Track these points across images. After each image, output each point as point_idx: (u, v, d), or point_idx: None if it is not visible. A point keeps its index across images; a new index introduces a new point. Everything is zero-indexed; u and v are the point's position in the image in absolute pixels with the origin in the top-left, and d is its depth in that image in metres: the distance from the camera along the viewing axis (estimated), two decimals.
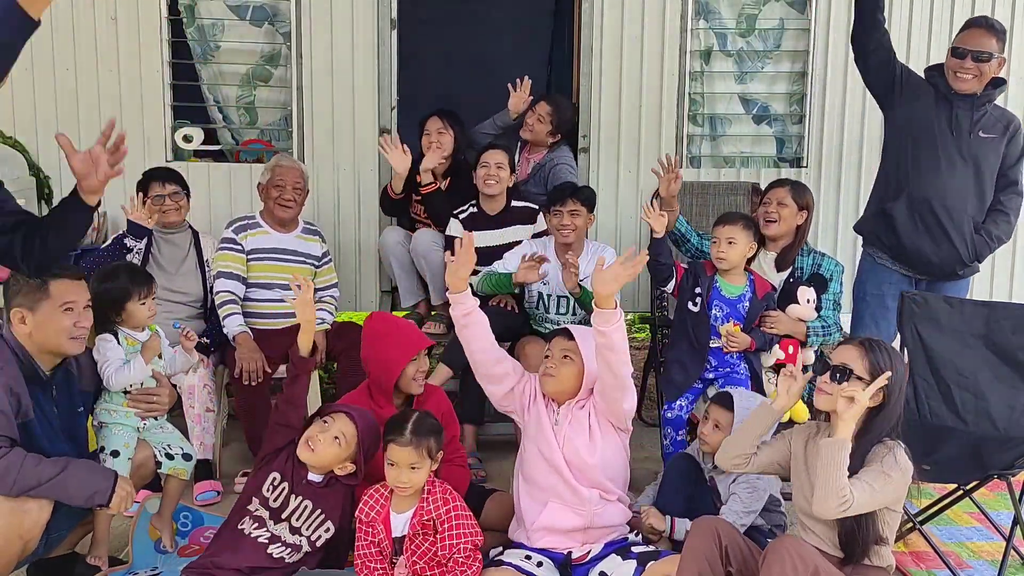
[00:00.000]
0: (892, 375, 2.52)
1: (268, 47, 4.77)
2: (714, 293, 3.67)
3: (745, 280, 3.70)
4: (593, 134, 4.82)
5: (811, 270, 3.85)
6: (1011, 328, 3.41)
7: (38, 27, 2.13)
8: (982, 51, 3.70)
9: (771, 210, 3.82)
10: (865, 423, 2.56)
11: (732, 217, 3.70)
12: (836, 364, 2.57)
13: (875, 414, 2.56)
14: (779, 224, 3.82)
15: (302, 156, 4.72)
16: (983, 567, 3.20)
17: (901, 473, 2.51)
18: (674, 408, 3.63)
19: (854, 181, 4.90)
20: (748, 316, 3.66)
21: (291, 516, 2.82)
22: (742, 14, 4.86)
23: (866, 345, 2.58)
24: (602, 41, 4.77)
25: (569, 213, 3.98)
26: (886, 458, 2.51)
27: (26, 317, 2.74)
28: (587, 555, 2.93)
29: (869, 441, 2.55)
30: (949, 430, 3.39)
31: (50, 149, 4.70)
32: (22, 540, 2.62)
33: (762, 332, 3.68)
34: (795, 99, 4.94)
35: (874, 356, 2.54)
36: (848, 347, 2.61)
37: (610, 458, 3.02)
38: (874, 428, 2.56)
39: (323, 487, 2.83)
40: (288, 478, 2.84)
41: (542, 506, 2.96)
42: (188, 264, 4.06)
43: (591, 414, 3.01)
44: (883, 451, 2.54)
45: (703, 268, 3.75)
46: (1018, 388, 3.39)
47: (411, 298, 4.52)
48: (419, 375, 3.21)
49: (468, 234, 3.04)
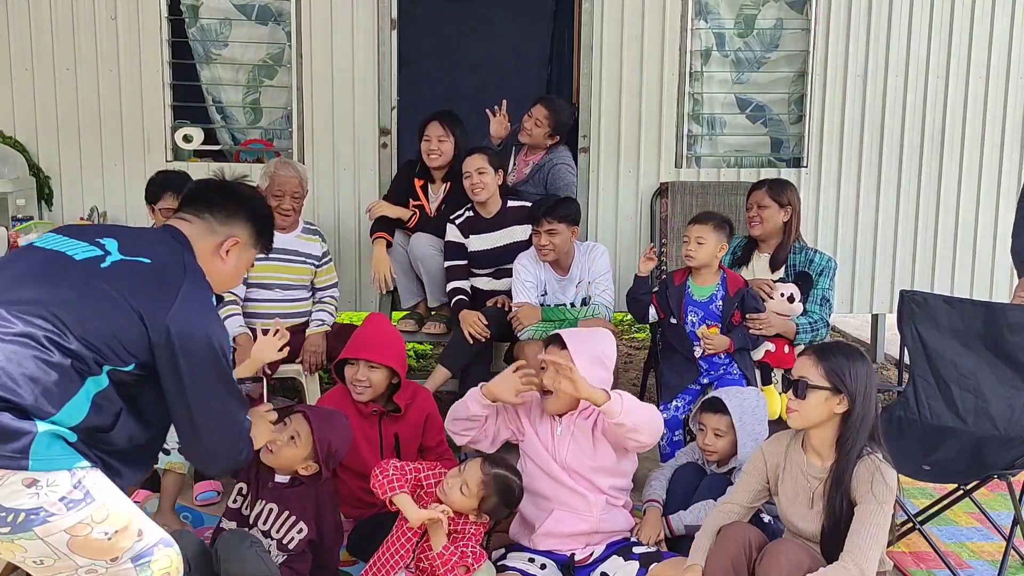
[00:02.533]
0: (849, 373, 2.46)
1: (273, 45, 4.77)
2: (686, 299, 3.69)
3: (716, 279, 3.70)
4: (593, 134, 4.82)
5: (803, 266, 3.87)
6: (1011, 328, 3.41)
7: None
8: None
9: (752, 214, 3.89)
10: (839, 433, 2.50)
11: (704, 217, 3.71)
12: (795, 378, 2.52)
13: (845, 421, 2.49)
14: (763, 225, 3.87)
15: (302, 156, 4.72)
16: (983, 567, 3.20)
17: (891, 492, 2.44)
18: (670, 409, 3.63)
19: (854, 181, 4.91)
20: (723, 315, 3.67)
21: (257, 520, 2.80)
22: (741, 14, 4.86)
23: (818, 352, 2.53)
24: (602, 41, 4.77)
25: (546, 232, 3.94)
26: (875, 482, 2.42)
27: None
28: (590, 556, 2.93)
29: (848, 454, 2.48)
30: (949, 430, 3.39)
31: (50, 149, 4.71)
32: None
33: (743, 331, 3.68)
34: (794, 99, 4.94)
35: (827, 361, 2.48)
36: (802, 358, 2.56)
37: (618, 463, 2.99)
38: (848, 436, 2.48)
39: (289, 488, 2.81)
40: (253, 485, 2.83)
41: (547, 514, 2.95)
42: None
43: (596, 423, 2.95)
44: (867, 472, 2.45)
45: (672, 279, 3.79)
46: (1018, 388, 3.38)
47: (411, 299, 4.52)
48: (356, 382, 3.20)
49: (529, 374, 2.95)
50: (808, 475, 2.57)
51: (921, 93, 4.88)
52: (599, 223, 4.85)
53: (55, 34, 4.63)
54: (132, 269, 2.08)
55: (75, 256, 2.08)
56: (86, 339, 1.94)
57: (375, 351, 3.21)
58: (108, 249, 2.11)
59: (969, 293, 4.87)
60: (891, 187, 4.93)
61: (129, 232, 2.24)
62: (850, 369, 2.48)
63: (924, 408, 3.46)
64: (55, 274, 2.03)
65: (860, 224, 4.95)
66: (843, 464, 2.48)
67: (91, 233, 2.18)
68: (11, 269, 2.08)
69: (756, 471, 2.69)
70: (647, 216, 4.85)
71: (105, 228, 2.25)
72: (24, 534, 1.82)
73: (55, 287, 1.99)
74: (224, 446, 2.22)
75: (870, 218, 4.94)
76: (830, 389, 2.47)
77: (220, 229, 2.30)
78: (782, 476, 2.63)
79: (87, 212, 4.61)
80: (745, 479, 2.71)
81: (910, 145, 4.91)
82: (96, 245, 2.11)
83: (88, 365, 1.94)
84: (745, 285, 3.74)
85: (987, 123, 4.92)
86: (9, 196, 4.37)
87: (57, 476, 1.85)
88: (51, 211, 4.72)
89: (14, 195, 4.40)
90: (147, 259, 2.11)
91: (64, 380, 1.90)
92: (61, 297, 1.97)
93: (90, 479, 1.90)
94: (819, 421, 2.51)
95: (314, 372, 4.06)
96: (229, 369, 2.18)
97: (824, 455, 2.56)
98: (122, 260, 2.09)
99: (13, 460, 1.80)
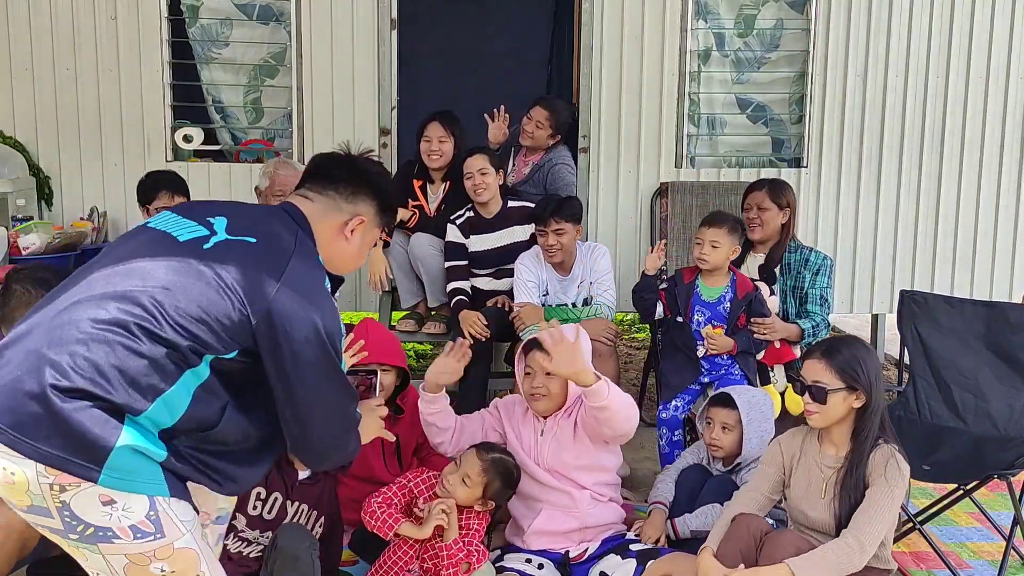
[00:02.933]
0: (862, 369, 2.50)
1: (274, 45, 4.77)
2: (694, 299, 3.68)
3: (726, 281, 3.69)
4: (593, 134, 4.82)
5: (799, 266, 3.87)
6: (1011, 328, 3.41)
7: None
8: None
9: (752, 216, 3.86)
10: (855, 425, 2.56)
11: (719, 219, 3.66)
12: (809, 384, 2.54)
13: (862, 413, 2.54)
14: (763, 228, 3.87)
15: (302, 156, 4.71)
16: (983, 567, 3.19)
17: (903, 479, 2.51)
18: (669, 408, 3.63)
19: (854, 181, 4.90)
20: (730, 317, 3.66)
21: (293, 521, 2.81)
22: (741, 14, 4.86)
23: (825, 353, 2.56)
24: (602, 41, 4.77)
25: (554, 233, 3.94)
26: (889, 466, 2.49)
27: None
28: (584, 553, 2.94)
29: (864, 443, 2.54)
30: (949, 430, 3.39)
31: (50, 149, 4.71)
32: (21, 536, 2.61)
33: (748, 335, 3.67)
34: (794, 99, 4.94)
35: (837, 361, 2.51)
36: (812, 362, 2.58)
37: (599, 459, 3.02)
38: (865, 428, 2.54)
39: (311, 484, 2.82)
40: (279, 488, 2.79)
41: (535, 513, 2.99)
42: None
43: (577, 422, 2.98)
44: (883, 458, 2.52)
45: (681, 277, 3.77)
46: (1018, 388, 3.38)
47: (411, 298, 4.52)
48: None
49: (463, 342, 2.97)
50: (822, 465, 2.61)
51: (921, 93, 4.88)
52: (599, 223, 4.85)
53: (55, 34, 4.63)
54: (237, 249, 1.92)
55: (180, 237, 1.93)
56: (182, 326, 1.79)
57: (387, 354, 3.21)
58: (215, 228, 1.96)
59: (969, 293, 4.86)
60: (891, 187, 4.93)
61: (241, 210, 2.10)
62: (861, 363, 2.51)
63: (924, 408, 3.47)
64: (156, 257, 1.88)
65: (860, 224, 4.95)
66: (859, 453, 2.54)
67: (203, 211, 2.04)
68: (117, 251, 1.95)
69: (774, 461, 2.73)
70: (647, 216, 4.85)
71: (219, 205, 2.11)
72: (88, 546, 1.77)
73: (152, 271, 1.85)
74: (332, 441, 2.05)
75: (870, 218, 4.94)
76: (846, 389, 2.51)
77: (346, 207, 2.17)
78: (796, 467, 2.67)
79: (87, 212, 4.61)
80: (764, 469, 2.76)
81: (910, 145, 4.91)
82: (204, 224, 1.97)
83: (185, 355, 1.79)
84: (754, 289, 3.73)
85: (987, 123, 4.91)
86: (9, 196, 4.38)
87: (135, 502, 1.74)
88: (51, 211, 4.72)
89: (14, 195, 4.40)
90: (253, 238, 1.95)
91: (158, 371, 1.76)
92: (159, 282, 1.82)
93: (167, 513, 1.78)
94: (839, 419, 2.56)
95: None
96: (338, 358, 1.99)
97: (840, 445, 2.60)
98: (226, 240, 1.94)
99: (85, 470, 1.69)
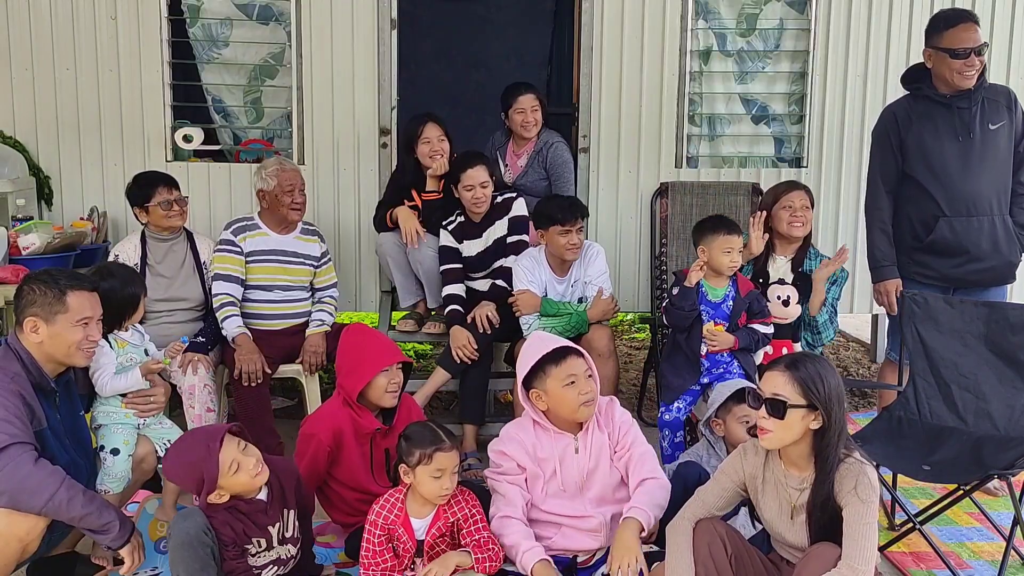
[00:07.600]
0: (824, 387, 2.37)
1: (274, 45, 4.77)
2: (700, 300, 3.68)
3: (728, 281, 3.71)
4: (593, 134, 4.82)
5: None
6: (1011, 328, 3.41)
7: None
8: (979, 45, 3.64)
9: (796, 215, 3.83)
10: (816, 448, 2.43)
11: (733, 226, 3.67)
12: (768, 396, 2.42)
13: (820, 437, 2.41)
14: (804, 226, 3.85)
15: (302, 156, 4.72)
16: (983, 567, 3.20)
17: (875, 491, 2.39)
18: (671, 410, 3.63)
19: (854, 181, 4.90)
20: (732, 315, 3.67)
21: (283, 530, 2.82)
22: (742, 14, 4.86)
23: (790, 367, 2.42)
24: (602, 41, 4.77)
25: (577, 231, 3.98)
26: (860, 484, 2.36)
27: (40, 327, 2.73)
28: (592, 558, 2.94)
29: (827, 466, 2.41)
30: (949, 430, 3.39)
31: (50, 149, 4.71)
32: (21, 543, 2.61)
33: (748, 332, 3.68)
34: (795, 99, 4.94)
35: (800, 377, 2.38)
36: (773, 373, 2.44)
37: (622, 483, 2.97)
38: (825, 451, 2.41)
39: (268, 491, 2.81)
40: (260, 533, 2.78)
41: (556, 528, 2.93)
42: (186, 269, 4.03)
43: (605, 433, 2.94)
44: (850, 475, 2.39)
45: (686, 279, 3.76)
46: (1018, 388, 3.38)
47: (410, 298, 4.52)
48: (393, 386, 3.17)
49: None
50: (789, 487, 2.51)
51: None
52: (599, 223, 4.85)
53: (55, 34, 4.63)
54: None
55: None
56: None
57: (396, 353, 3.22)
58: None
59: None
60: None
61: None
62: (823, 381, 2.39)
63: (924, 408, 3.46)
64: None
65: (860, 224, 4.93)
66: (823, 475, 2.42)
67: None
68: None
69: (733, 473, 2.60)
70: (647, 216, 4.85)
71: None
72: None
73: None
74: None
75: None
76: (807, 407, 2.39)
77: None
78: (762, 488, 2.58)
79: (87, 212, 4.61)
80: (720, 479, 2.63)
81: None
82: None
83: None
84: (754, 288, 3.75)
85: None
86: (9, 196, 4.37)
87: None
88: (51, 211, 4.72)
89: (14, 195, 4.40)
90: None
91: None
92: None
93: None
94: (793, 440, 2.44)
95: (314, 372, 4.06)
96: None
97: (802, 466, 2.49)
98: None
99: None
